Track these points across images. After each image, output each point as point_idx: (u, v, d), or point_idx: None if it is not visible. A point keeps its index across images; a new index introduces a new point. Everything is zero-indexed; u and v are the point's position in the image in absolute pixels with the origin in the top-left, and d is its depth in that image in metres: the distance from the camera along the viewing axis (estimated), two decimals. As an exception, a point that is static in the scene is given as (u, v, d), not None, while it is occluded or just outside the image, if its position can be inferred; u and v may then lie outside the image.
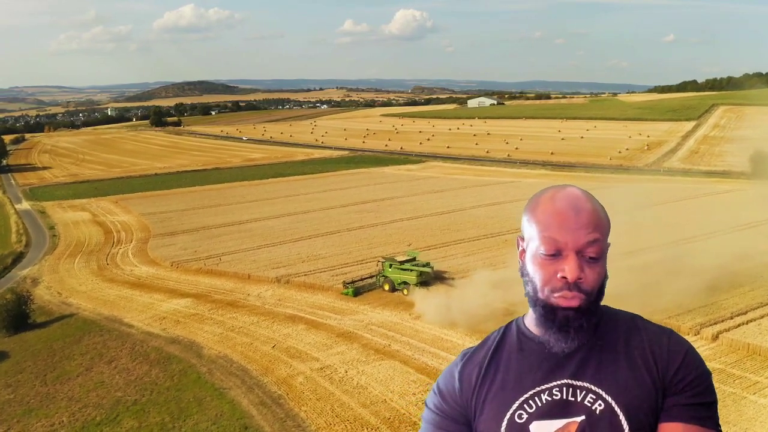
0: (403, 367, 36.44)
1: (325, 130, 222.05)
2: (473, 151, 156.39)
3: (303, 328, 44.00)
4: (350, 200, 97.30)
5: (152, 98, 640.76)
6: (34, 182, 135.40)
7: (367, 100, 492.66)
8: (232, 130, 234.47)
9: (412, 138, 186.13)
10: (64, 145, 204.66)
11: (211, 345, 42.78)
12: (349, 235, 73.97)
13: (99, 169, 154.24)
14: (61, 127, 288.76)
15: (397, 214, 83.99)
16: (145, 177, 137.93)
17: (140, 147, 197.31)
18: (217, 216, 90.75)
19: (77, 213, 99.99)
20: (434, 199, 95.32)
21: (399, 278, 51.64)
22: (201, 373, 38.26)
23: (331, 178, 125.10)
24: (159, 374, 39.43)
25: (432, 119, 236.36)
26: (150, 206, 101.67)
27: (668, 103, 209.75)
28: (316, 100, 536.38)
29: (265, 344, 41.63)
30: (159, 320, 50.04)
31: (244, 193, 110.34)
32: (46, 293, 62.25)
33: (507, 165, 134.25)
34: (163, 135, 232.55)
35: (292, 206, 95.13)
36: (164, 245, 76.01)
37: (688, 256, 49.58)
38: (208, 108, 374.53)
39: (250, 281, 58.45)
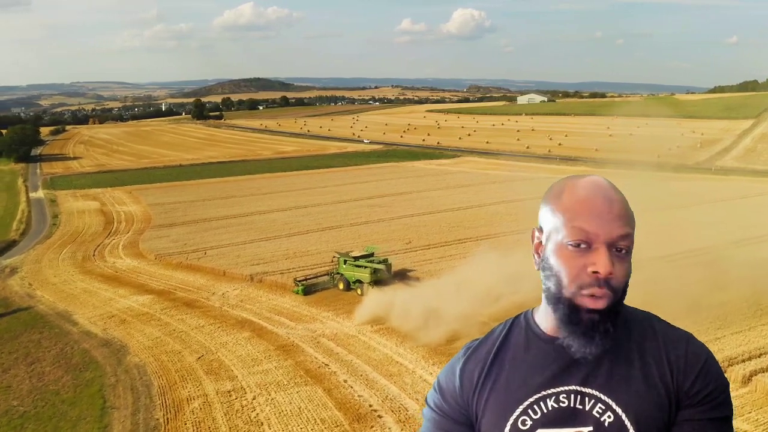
0: (324, 397, 29.81)
1: (365, 124, 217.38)
2: (513, 146, 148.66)
3: (246, 336, 37.93)
4: (366, 194, 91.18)
5: (209, 94, 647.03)
6: (59, 171, 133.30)
7: (421, 99, 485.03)
8: (272, 124, 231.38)
9: (453, 133, 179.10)
10: (101, 136, 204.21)
11: (139, 351, 37.17)
12: (349, 230, 67.78)
13: (128, 159, 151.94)
14: (108, 120, 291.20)
15: (409, 210, 77.41)
16: (170, 168, 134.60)
17: (176, 139, 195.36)
18: (224, 208, 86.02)
19: (87, 202, 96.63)
20: (456, 195, 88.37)
21: (353, 276, 46.28)
22: (104, 386, 32.61)
23: (356, 171, 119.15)
24: (67, 383, 33.98)
25: (477, 115, 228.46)
26: (162, 197, 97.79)
27: (726, 101, 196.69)
28: (369, 98, 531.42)
29: (195, 353, 35.72)
30: (106, 319, 44.79)
31: (261, 185, 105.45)
32: (17, 284, 58.06)
33: (545, 161, 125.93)
34: (202, 128, 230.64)
35: (303, 199, 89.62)
36: (158, 237, 71.45)
37: (731, 263, 42.09)
38: (256, 103, 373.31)
39: (224, 278, 52.94)
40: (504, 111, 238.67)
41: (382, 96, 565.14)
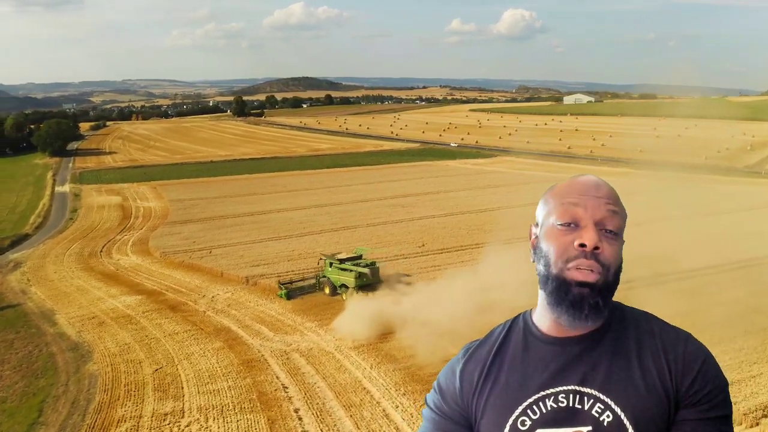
0: (263, 430, 25.92)
1: (405, 123, 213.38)
2: (554, 147, 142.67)
3: (216, 347, 34.48)
4: (391, 193, 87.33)
5: (257, 93, 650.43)
6: (91, 166, 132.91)
7: (469, 99, 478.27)
8: (312, 122, 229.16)
9: (494, 133, 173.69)
10: (140, 132, 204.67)
11: (102, 358, 34.13)
12: (363, 231, 64.08)
13: (161, 155, 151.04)
14: (153, 117, 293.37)
15: (432, 210, 73.28)
16: (200, 164, 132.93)
17: (214, 135, 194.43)
18: (243, 205, 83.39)
19: (109, 197, 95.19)
20: (485, 195, 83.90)
21: (338, 279, 42.78)
22: (48, 397, 29.62)
23: (386, 170, 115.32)
24: (18, 390, 31.27)
25: (521, 115, 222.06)
26: (185, 193, 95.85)
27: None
28: (416, 98, 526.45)
29: (156, 364, 32.43)
30: (86, 320, 42.05)
31: (287, 183, 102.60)
32: (16, 279, 56.24)
33: (585, 162, 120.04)
34: (242, 125, 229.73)
35: (326, 197, 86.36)
36: (169, 234, 69.10)
37: None
38: (300, 101, 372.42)
39: (220, 280, 49.93)
40: (548, 111, 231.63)
41: (430, 96, 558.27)
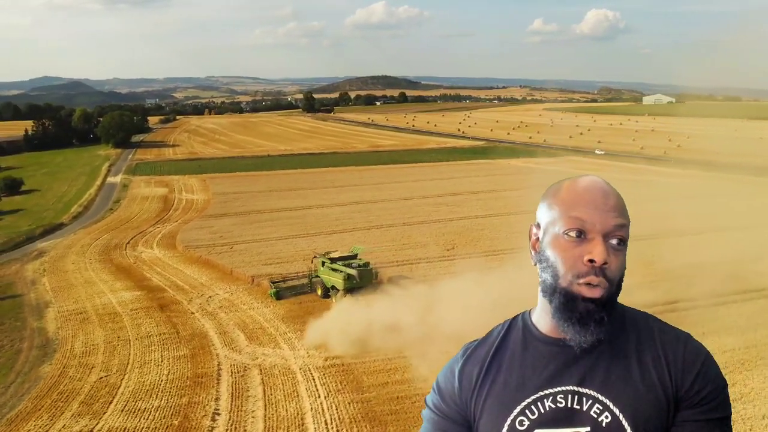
0: None
1: (474, 121, 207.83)
2: (626, 147, 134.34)
3: (179, 355, 30.95)
4: (439, 191, 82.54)
5: (337, 90, 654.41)
6: (149, 158, 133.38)
7: (549, 99, 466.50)
8: (381, 118, 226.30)
9: (564, 132, 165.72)
10: (208, 126, 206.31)
11: (60, 359, 31.43)
12: (396, 230, 59.72)
13: (221, 148, 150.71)
14: (227, 112, 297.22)
15: (475, 210, 68.22)
16: (257, 158, 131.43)
17: (279, 130, 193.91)
18: (284, 200, 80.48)
19: (156, 189, 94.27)
20: (538, 196, 77.50)
21: (329, 281, 39.41)
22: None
23: (443, 167, 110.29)
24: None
25: (596, 114, 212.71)
26: (231, 186, 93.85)
27: None
28: (494, 97, 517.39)
29: (105, 371, 29.15)
30: (73, 315, 39.57)
31: (336, 178, 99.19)
32: (33, 268, 54.92)
33: (655, 163, 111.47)
34: (309, 120, 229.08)
35: (370, 194, 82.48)
36: (200, 227, 66.73)
37: None
38: (374, 99, 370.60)
39: (228, 278, 46.73)
40: (625, 111, 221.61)
41: (509, 96, 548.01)
